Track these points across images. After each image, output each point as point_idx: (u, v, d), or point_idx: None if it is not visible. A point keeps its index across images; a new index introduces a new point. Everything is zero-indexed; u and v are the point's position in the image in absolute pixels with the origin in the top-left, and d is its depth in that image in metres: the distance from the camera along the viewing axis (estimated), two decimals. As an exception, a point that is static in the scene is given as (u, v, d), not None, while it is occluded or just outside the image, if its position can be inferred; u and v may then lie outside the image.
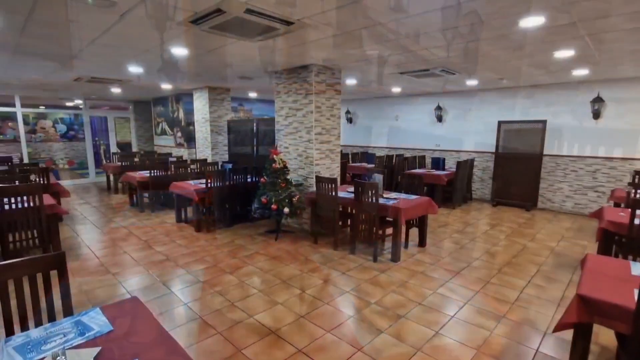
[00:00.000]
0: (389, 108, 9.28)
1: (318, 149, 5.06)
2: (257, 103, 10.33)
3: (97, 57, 4.42)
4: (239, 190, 5.56)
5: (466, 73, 5.52)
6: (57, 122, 13.50)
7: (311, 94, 4.89)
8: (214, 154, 7.55)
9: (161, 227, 5.48)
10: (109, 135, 10.79)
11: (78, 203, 7.28)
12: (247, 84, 6.89)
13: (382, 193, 4.60)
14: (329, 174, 5.30)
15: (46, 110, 11.56)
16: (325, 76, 4.98)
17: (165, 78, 6.18)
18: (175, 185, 5.59)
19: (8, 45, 3.84)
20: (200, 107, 7.66)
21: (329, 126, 5.18)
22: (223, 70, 5.41)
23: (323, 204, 4.57)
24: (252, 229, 5.41)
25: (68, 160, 11.78)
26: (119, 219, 6.01)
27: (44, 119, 13.11)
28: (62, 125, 13.63)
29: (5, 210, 3.70)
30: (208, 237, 4.98)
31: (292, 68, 5.10)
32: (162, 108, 9.78)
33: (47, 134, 13.29)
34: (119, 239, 4.92)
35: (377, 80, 6.31)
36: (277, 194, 4.75)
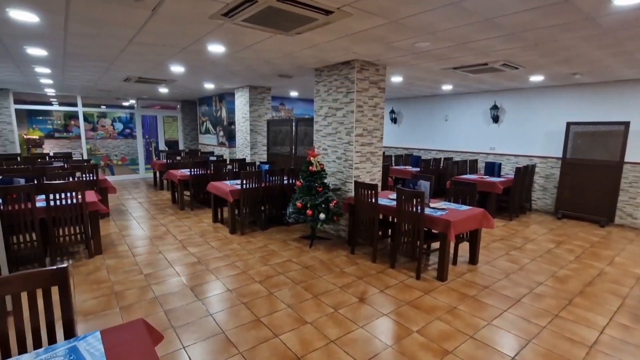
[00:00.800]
0: (438, 107, 8.62)
1: (358, 151, 4.70)
2: (299, 102, 10.17)
3: (138, 56, 4.45)
4: (275, 193, 5.38)
5: (532, 67, 4.82)
6: (115, 121, 14.50)
7: (352, 92, 4.54)
8: (252, 153, 7.48)
9: (197, 227, 5.46)
10: (158, 134, 11.27)
11: (126, 198, 7.61)
12: (287, 82, 6.71)
13: (429, 202, 4.13)
14: (370, 178, 4.92)
15: (107, 109, 12.38)
16: (368, 73, 4.61)
17: (205, 77, 6.18)
18: (212, 185, 5.54)
19: (59, 46, 3.96)
20: (240, 106, 7.63)
21: (371, 127, 4.79)
22: (261, 67, 5.25)
23: (362, 211, 4.21)
24: (286, 234, 5.20)
25: (121, 157, 12.53)
26: (160, 216, 6.12)
27: (104, 118, 14.14)
28: (119, 123, 14.62)
29: (51, 206, 3.82)
30: (242, 240, 4.84)
31: (333, 64, 4.79)
32: (206, 107, 9.99)
33: (107, 131, 14.33)
34: (156, 237, 4.95)
35: (427, 77, 5.79)
36: (313, 199, 4.47)
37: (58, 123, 12.78)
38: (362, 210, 4.19)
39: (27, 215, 3.67)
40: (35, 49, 4.08)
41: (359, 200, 4.19)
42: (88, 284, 3.44)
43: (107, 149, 14.34)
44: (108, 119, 13.98)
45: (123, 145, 15.03)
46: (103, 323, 2.74)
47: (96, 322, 2.76)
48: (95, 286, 3.40)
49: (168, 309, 2.98)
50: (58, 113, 12.88)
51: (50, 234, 3.88)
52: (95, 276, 3.62)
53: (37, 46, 3.97)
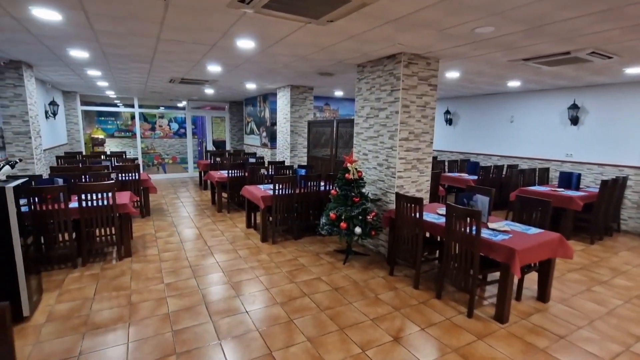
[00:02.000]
0: (501, 107, 7.58)
1: (403, 158, 4.11)
2: (344, 102, 9.70)
3: (172, 55, 4.32)
4: (311, 200, 4.98)
5: (632, 56, 3.83)
6: (171, 121, 15.28)
7: (397, 90, 3.96)
8: (292, 155, 7.18)
9: (230, 232, 5.26)
10: (206, 134, 11.55)
11: (171, 197, 7.76)
12: (329, 81, 6.28)
13: (487, 221, 3.42)
14: (415, 189, 4.29)
15: (164, 110, 13.03)
16: (417, 68, 3.99)
17: (244, 76, 5.98)
18: (246, 189, 5.31)
19: (95, 47, 3.95)
20: (282, 106, 7.37)
21: (419, 130, 4.17)
22: (299, 65, 4.87)
23: (403, 228, 3.62)
24: (320, 245, 4.77)
25: (172, 156, 13.08)
26: (197, 217, 6.06)
27: (162, 118, 14.97)
28: (175, 124, 15.38)
29: (83, 207, 3.82)
30: (271, 250, 4.52)
31: (377, 59, 4.25)
32: (251, 108, 9.96)
33: (164, 131, 15.15)
34: (187, 240, 4.83)
35: (489, 72, 4.97)
36: (348, 210, 3.98)
37: (121, 123, 13.77)
38: (404, 227, 3.61)
39: (60, 216, 3.68)
40: (76, 50, 4.13)
41: (401, 214, 3.62)
42: (109, 291, 3.32)
43: (163, 148, 15.18)
44: (165, 119, 14.78)
45: (178, 144, 15.81)
46: (106, 340, 2.53)
47: (101, 339, 2.57)
48: (115, 294, 3.26)
49: (177, 329, 2.71)
50: (126, 114, 13.90)
51: (82, 235, 3.88)
52: (118, 282, 3.51)
53: (76, 47, 4.00)
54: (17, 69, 4.85)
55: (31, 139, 5.08)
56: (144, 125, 14.55)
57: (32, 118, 5.18)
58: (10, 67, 4.82)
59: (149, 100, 11.18)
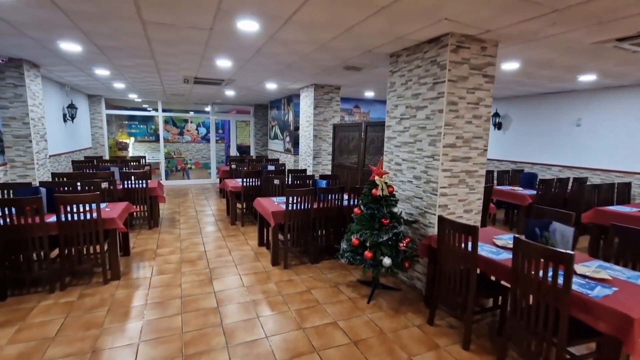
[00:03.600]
0: (565, 108, 6.36)
1: (447, 169, 3.20)
2: (376, 104, 8.82)
3: (169, 45, 3.73)
4: (332, 216, 4.18)
5: None
6: (199, 126, 15.16)
7: (442, 83, 3.07)
8: (315, 163, 6.42)
9: (238, 251, 4.57)
10: (230, 138, 11.13)
11: (186, 205, 7.27)
12: (356, 78, 5.47)
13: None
14: (463, 209, 3.35)
15: (194, 114, 12.84)
16: (468, 53, 3.09)
17: (260, 73, 5.32)
18: (258, 201, 4.60)
19: (82, 37, 3.44)
20: (305, 108, 6.65)
21: (469, 134, 3.24)
22: (320, 57, 4.12)
23: (448, 262, 2.71)
24: (340, 273, 3.94)
25: (195, 161, 12.81)
26: (207, 230, 5.46)
27: (190, 123, 14.87)
28: (203, 128, 15.23)
29: (62, 221, 3.29)
30: (282, 277, 3.75)
31: (415, 45, 3.39)
32: (276, 111, 9.36)
33: (192, 135, 15.04)
34: (188, 260, 4.19)
35: (560, 60, 3.93)
36: (375, 235, 3.13)
37: (151, 128, 13.78)
38: (449, 261, 2.70)
39: (34, 231, 3.16)
40: (65, 43, 3.65)
41: (445, 244, 2.71)
42: (76, 329, 2.71)
43: (191, 153, 15.06)
44: (193, 123, 14.66)
45: (205, 149, 15.64)
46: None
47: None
48: (81, 334, 2.64)
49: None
50: (157, 118, 13.94)
51: (61, 254, 3.35)
52: (91, 317, 2.90)
53: (64, 39, 3.52)
54: (17, 67, 4.51)
55: (32, 143, 4.72)
56: (172, 130, 14.53)
57: (35, 120, 4.84)
58: (11, 66, 4.49)
59: (175, 104, 10.97)
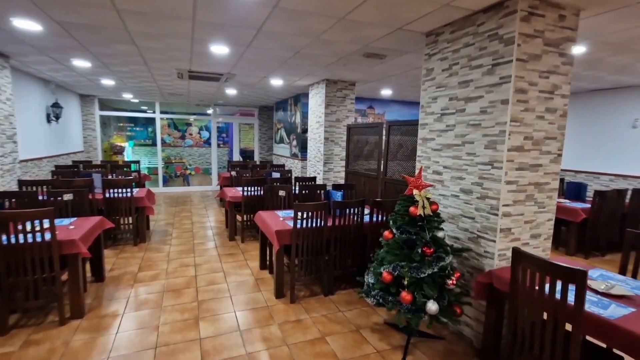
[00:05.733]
0: (618, 107, 5.49)
1: (512, 181, 2.37)
2: (393, 105, 8.02)
3: (147, 24, 2.98)
4: (350, 236, 3.37)
5: None
6: (202, 129, 14.49)
7: (508, 64, 2.26)
8: (326, 170, 5.62)
9: (236, 276, 3.78)
10: (232, 142, 10.40)
11: (182, 216, 6.51)
12: (377, 70, 4.68)
13: None
14: (530, 234, 2.51)
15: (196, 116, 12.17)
16: (542, 23, 2.28)
17: (262, 64, 4.55)
18: (260, 216, 3.81)
19: (39, 13, 2.70)
20: (315, 107, 5.87)
21: (541, 133, 2.42)
22: (337, 38, 3.34)
23: (529, 315, 1.87)
24: (361, 309, 3.11)
25: (195, 167, 12.10)
26: (201, 248, 4.67)
27: (192, 126, 14.21)
28: (205, 132, 14.57)
29: (3, 245, 2.53)
30: (288, 315, 2.94)
31: (465, 17, 2.59)
32: (282, 112, 8.61)
33: (194, 139, 14.37)
34: (173, 289, 3.40)
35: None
36: (413, 269, 2.31)
37: (152, 131, 13.14)
38: (530, 313, 1.86)
39: (-34, 259, 2.41)
40: (20, 20, 2.92)
41: (523, 289, 1.88)
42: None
43: (193, 158, 14.38)
44: (196, 127, 13.99)
45: (208, 153, 14.97)
46: None
47: None
48: (3, 413, 1.86)
49: None
50: (162, 121, 13.30)
51: (4, 286, 2.59)
52: (28, 379, 2.12)
53: (20, 16, 2.79)
54: (-23, 55, 3.82)
55: (-6, 145, 4.01)
56: (173, 133, 13.88)
57: (1, 119, 4.13)
58: (-31, 53, 3.80)
59: (176, 106, 10.30)
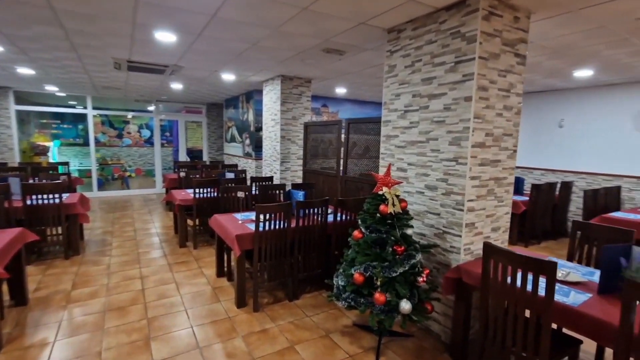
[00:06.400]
0: (547, 108, 6.07)
1: (476, 177, 2.43)
2: (346, 103, 8.07)
3: (77, 2, 2.58)
4: (314, 238, 3.24)
5: None
6: (142, 127, 13.35)
7: (470, 61, 2.30)
8: (283, 169, 5.44)
9: (190, 286, 3.45)
10: (178, 141, 9.73)
11: (123, 223, 5.88)
12: (335, 67, 4.62)
13: None
14: (491, 227, 2.61)
15: (135, 113, 11.16)
16: (500, 23, 2.36)
17: (215, 57, 4.25)
18: (216, 220, 3.53)
19: None
20: (270, 104, 5.66)
21: (500, 130, 2.51)
22: (294, 27, 3.20)
23: (500, 307, 1.91)
24: (329, 312, 3.01)
25: (136, 169, 11.15)
26: (147, 257, 4.22)
27: (131, 124, 13.03)
28: (146, 130, 13.46)
29: None
30: (252, 327, 2.73)
31: (427, 14, 2.60)
32: (233, 110, 8.21)
33: (133, 138, 13.19)
34: (116, 307, 2.99)
35: (582, 45, 3.39)
36: (386, 268, 2.26)
37: (82, 129, 11.79)
38: (501, 306, 1.90)
39: None
40: None
41: (495, 283, 1.91)
42: None
43: (133, 159, 13.20)
44: (135, 125, 12.86)
45: (150, 154, 13.87)
46: None
47: None
48: None
49: None
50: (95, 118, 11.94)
51: None
52: None
53: None
54: None
55: None
56: (109, 132, 12.60)
57: None
58: None
59: (111, 101, 9.33)
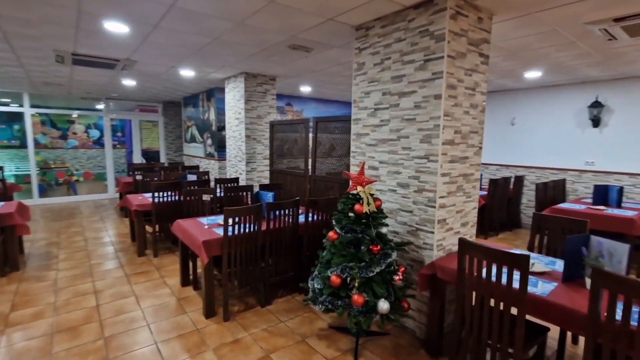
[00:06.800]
0: (501, 107, 6.42)
1: (446, 173, 2.47)
2: (311, 102, 8.00)
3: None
4: (285, 240, 3.14)
5: None
6: (90, 127, 12.34)
7: (439, 60, 2.33)
8: (249, 170, 5.26)
9: (152, 298, 3.20)
10: (132, 142, 9.12)
11: (71, 232, 5.36)
12: (300, 64, 4.53)
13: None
14: (461, 222, 2.67)
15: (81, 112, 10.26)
16: (466, 23, 2.41)
17: (172, 51, 3.99)
18: (179, 225, 3.30)
19: None
20: (233, 103, 5.44)
21: (467, 127, 2.58)
22: (261, 21, 3.07)
23: (477, 301, 1.95)
24: (303, 315, 2.93)
25: (84, 172, 10.32)
26: (101, 269, 3.87)
27: (77, 124, 11.99)
28: (95, 130, 12.46)
29: None
30: (224, 338, 2.58)
31: (396, 12, 2.60)
32: (192, 109, 7.83)
33: (80, 139, 12.16)
34: (66, 328, 2.69)
35: (537, 47, 3.59)
36: (362, 268, 2.22)
37: (19, 129, 10.64)
38: (479, 297, 1.93)
39: None
40: None
41: (471, 277, 1.94)
42: None
43: (80, 162, 12.16)
44: (81, 124, 11.85)
45: (100, 156, 12.86)
46: None
47: None
48: None
49: None
50: (34, 118, 10.79)
51: None
52: None
53: None
54: None
55: None
56: (51, 133, 11.49)
57: None
58: None
59: (53, 99, 8.51)
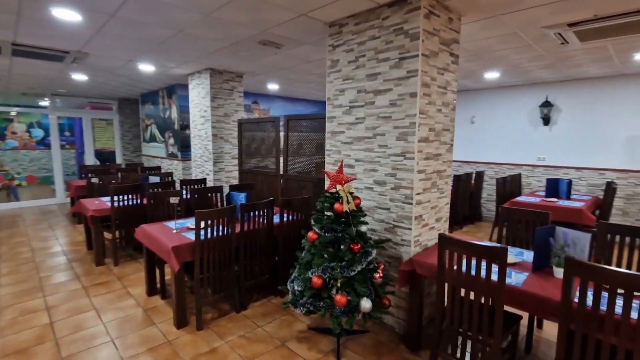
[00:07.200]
0: (462, 106, 6.72)
1: (422, 170, 2.52)
2: (279, 100, 7.87)
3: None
4: (260, 242, 3.05)
5: None
6: (32, 126, 11.26)
7: (414, 58, 2.36)
8: (217, 170, 5.05)
9: (116, 310, 2.96)
10: (83, 142, 8.46)
11: (14, 242, 4.83)
12: (269, 61, 4.42)
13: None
14: (435, 218, 2.74)
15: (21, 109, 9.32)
16: (438, 23, 2.47)
17: (131, 42, 3.72)
18: (144, 230, 3.08)
19: None
20: (198, 100, 5.20)
21: (440, 125, 2.64)
22: (228, 14, 2.95)
23: (457, 295, 2.00)
24: (281, 318, 2.86)
25: (27, 176, 9.44)
26: (54, 282, 3.52)
27: (16, 122, 10.89)
28: (39, 130, 11.39)
29: None
30: (199, 349, 2.44)
31: (368, 10, 2.60)
32: (151, 106, 7.39)
33: (20, 140, 11.05)
34: (14, 352, 2.40)
35: (498, 48, 3.77)
36: (343, 268, 2.20)
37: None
38: (458, 293, 1.99)
39: None
40: None
41: (451, 272, 1.99)
42: None
43: (21, 164, 11.05)
44: (22, 123, 10.77)
45: (46, 157, 11.78)
46: None
47: None
48: None
49: None
50: None
51: None
52: None
53: None
54: None
55: None
56: (-16, 132, 10.34)
57: None
58: None
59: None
